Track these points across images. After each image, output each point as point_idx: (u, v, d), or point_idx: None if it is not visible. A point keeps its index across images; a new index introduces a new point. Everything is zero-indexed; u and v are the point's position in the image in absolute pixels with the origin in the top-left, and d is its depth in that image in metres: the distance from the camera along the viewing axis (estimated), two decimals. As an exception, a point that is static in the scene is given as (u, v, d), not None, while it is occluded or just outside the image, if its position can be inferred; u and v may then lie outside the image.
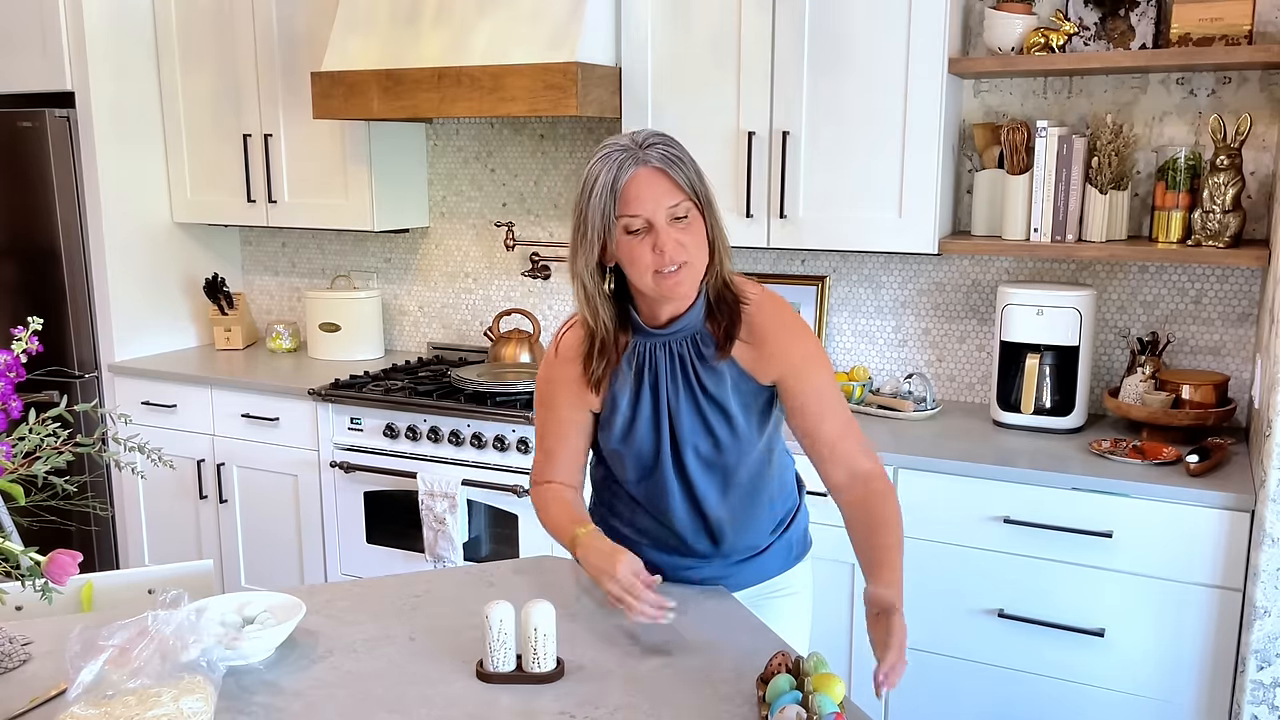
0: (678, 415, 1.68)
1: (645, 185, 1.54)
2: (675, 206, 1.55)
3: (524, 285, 3.66)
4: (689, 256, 1.57)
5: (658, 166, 1.54)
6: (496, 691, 1.44)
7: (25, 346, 1.45)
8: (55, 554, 1.32)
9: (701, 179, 1.59)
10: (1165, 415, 2.57)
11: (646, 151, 1.54)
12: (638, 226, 1.55)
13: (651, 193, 1.54)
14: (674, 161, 1.56)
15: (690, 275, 1.58)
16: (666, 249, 1.54)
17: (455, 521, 3.06)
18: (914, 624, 2.58)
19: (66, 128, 3.58)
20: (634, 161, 1.54)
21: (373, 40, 3.16)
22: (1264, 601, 2.17)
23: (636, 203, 1.54)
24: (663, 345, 1.67)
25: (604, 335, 1.66)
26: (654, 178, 1.54)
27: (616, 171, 1.54)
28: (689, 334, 1.67)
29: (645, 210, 1.54)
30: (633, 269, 1.58)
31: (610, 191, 1.53)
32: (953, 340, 3.08)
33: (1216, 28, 2.47)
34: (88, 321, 3.69)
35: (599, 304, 1.63)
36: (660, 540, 1.79)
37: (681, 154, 1.58)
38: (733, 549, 1.79)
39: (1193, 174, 2.60)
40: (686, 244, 1.56)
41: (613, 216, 1.54)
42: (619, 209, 1.54)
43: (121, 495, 3.75)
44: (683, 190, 1.56)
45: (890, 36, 2.68)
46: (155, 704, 1.26)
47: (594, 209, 1.55)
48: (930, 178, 2.70)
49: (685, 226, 1.56)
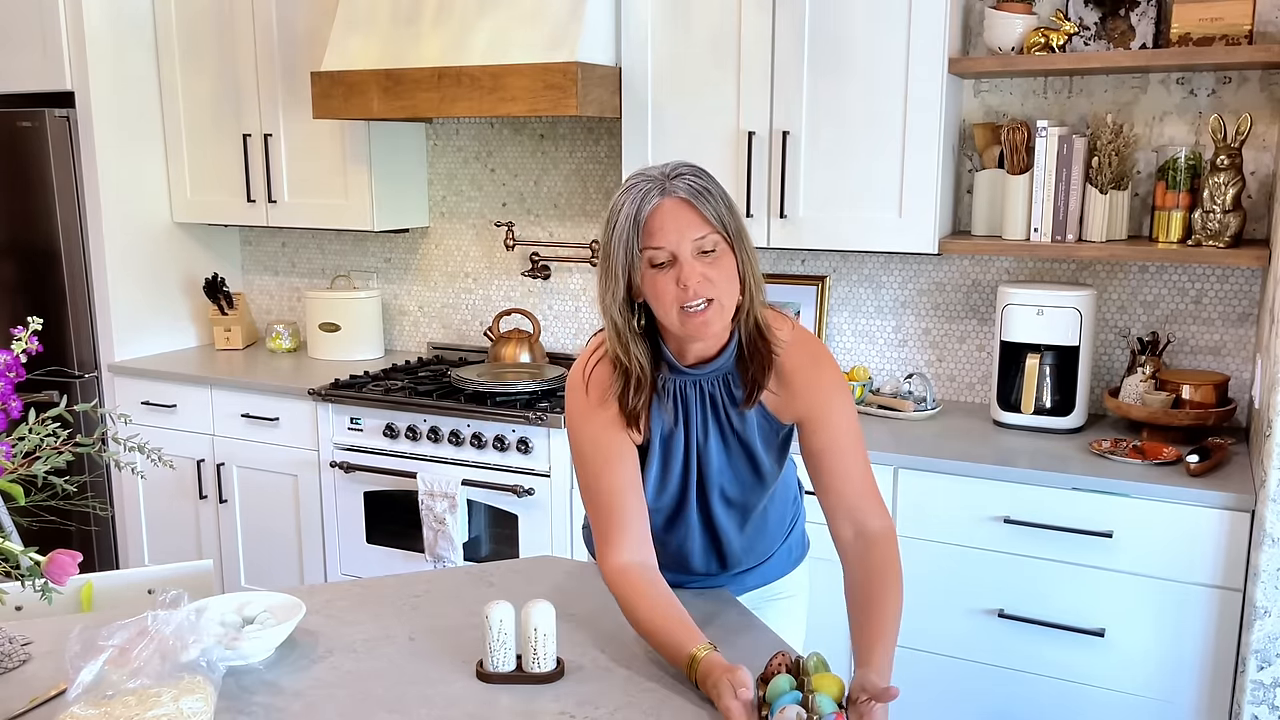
0: (706, 455, 1.63)
1: (669, 217, 1.47)
2: (701, 239, 1.47)
3: (524, 285, 3.66)
4: (716, 293, 1.48)
5: (683, 197, 1.47)
6: (496, 691, 1.44)
7: (25, 346, 1.45)
8: (55, 554, 1.32)
9: (732, 211, 1.51)
10: (1165, 415, 2.57)
11: (673, 182, 1.48)
12: (662, 259, 1.47)
13: (676, 224, 1.47)
14: (701, 193, 1.48)
15: (718, 314, 1.50)
16: (690, 283, 1.46)
17: (455, 521, 3.06)
18: (914, 624, 2.59)
19: (66, 128, 3.58)
20: (659, 192, 1.48)
21: (373, 40, 3.16)
22: (1264, 601, 2.17)
23: (660, 234, 1.47)
24: (693, 383, 1.61)
25: (638, 374, 1.57)
26: (679, 209, 1.47)
27: (640, 202, 1.47)
28: (721, 374, 1.61)
29: (669, 243, 1.47)
30: (658, 305, 1.50)
31: (634, 223, 1.47)
32: (953, 340, 3.08)
33: (1216, 27, 2.47)
34: (88, 321, 3.69)
35: (630, 340, 1.55)
36: (667, 564, 1.73)
37: (711, 185, 1.50)
38: (739, 566, 1.80)
39: (1193, 174, 2.60)
40: (714, 279, 1.48)
41: (636, 249, 1.47)
42: (642, 241, 1.47)
43: (121, 495, 3.75)
44: (710, 223, 1.48)
45: (890, 36, 2.68)
46: (155, 704, 1.26)
47: (617, 241, 1.48)
48: (930, 178, 2.70)
49: (712, 261, 1.48)
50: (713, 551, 1.75)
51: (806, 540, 1.93)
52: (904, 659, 2.61)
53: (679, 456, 1.63)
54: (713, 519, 1.69)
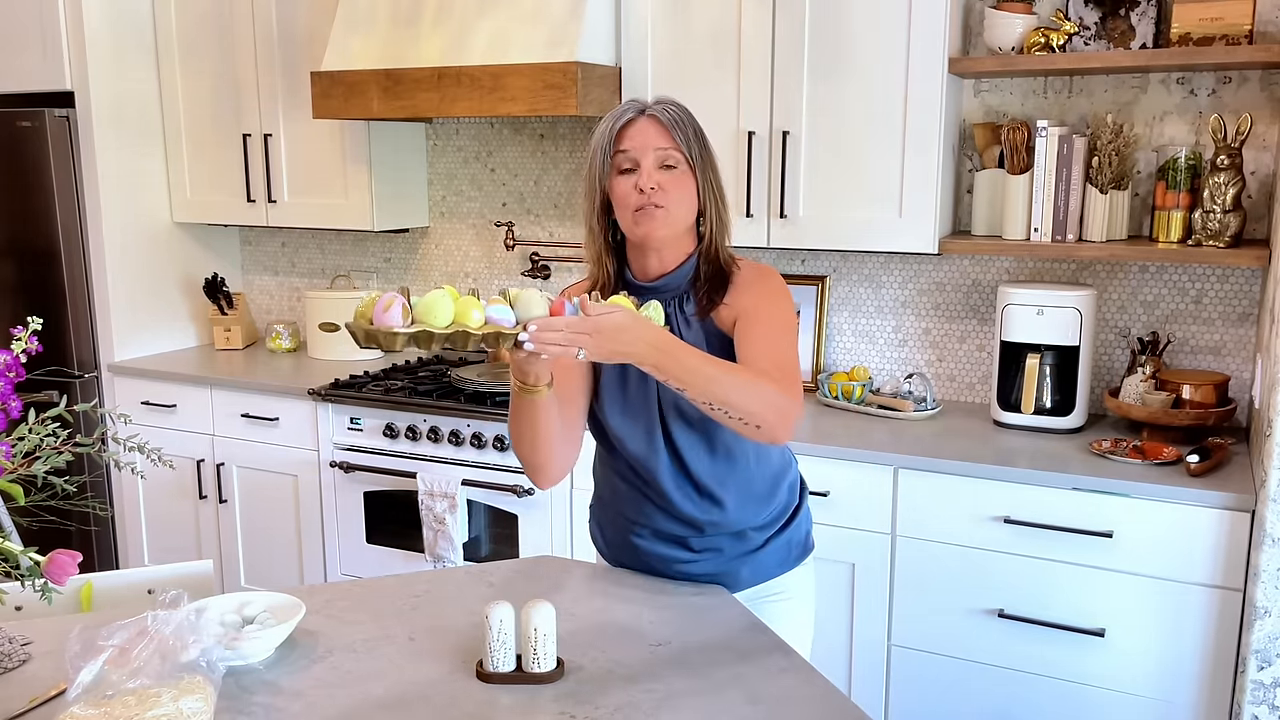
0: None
1: (639, 129, 1.66)
2: (663, 152, 1.65)
3: (524, 285, 3.66)
4: (667, 201, 1.64)
5: (656, 116, 1.67)
6: (496, 691, 1.44)
7: (25, 346, 1.45)
8: (55, 554, 1.32)
9: (701, 142, 1.68)
10: (1165, 415, 2.57)
11: (654, 107, 1.68)
12: (626, 165, 1.65)
13: (643, 136, 1.65)
14: (675, 119, 1.67)
15: (667, 220, 1.66)
16: (643, 183, 1.63)
17: (455, 521, 3.06)
18: (914, 624, 2.59)
19: (66, 128, 3.58)
20: (637, 112, 1.67)
21: (373, 40, 3.16)
22: (1264, 601, 2.17)
23: (628, 141, 1.65)
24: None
25: (604, 283, 1.74)
26: (650, 124, 1.66)
27: (620, 117, 1.67)
28: (675, 293, 1.73)
29: (634, 148, 1.65)
30: (619, 208, 1.68)
31: (609, 133, 1.66)
32: (953, 340, 3.08)
33: (1217, 27, 2.47)
34: (88, 321, 3.69)
35: (601, 250, 1.73)
36: (661, 530, 1.78)
37: (686, 117, 1.68)
38: (734, 520, 1.76)
39: (1193, 174, 2.60)
40: (668, 189, 1.65)
41: (609, 156, 1.66)
42: (614, 148, 1.66)
43: (121, 495, 3.75)
44: (675, 141, 1.66)
45: (890, 36, 2.68)
46: (155, 704, 1.26)
47: (596, 148, 1.67)
48: (930, 177, 2.70)
49: (672, 176, 1.65)
50: (685, 479, 1.74)
51: (810, 542, 1.92)
52: (905, 659, 2.61)
53: (634, 371, 1.71)
54: (673, 439, 1.73)
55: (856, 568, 2.64)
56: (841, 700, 1.41)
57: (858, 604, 2.65)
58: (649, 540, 1.80)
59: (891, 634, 2.63)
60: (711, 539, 1.79)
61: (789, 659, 1.53)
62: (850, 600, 2.65)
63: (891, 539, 2.59)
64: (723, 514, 1.76)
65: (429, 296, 1.44)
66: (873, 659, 2.66)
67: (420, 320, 1.42)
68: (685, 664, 1.51)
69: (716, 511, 1.76)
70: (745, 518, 1.78)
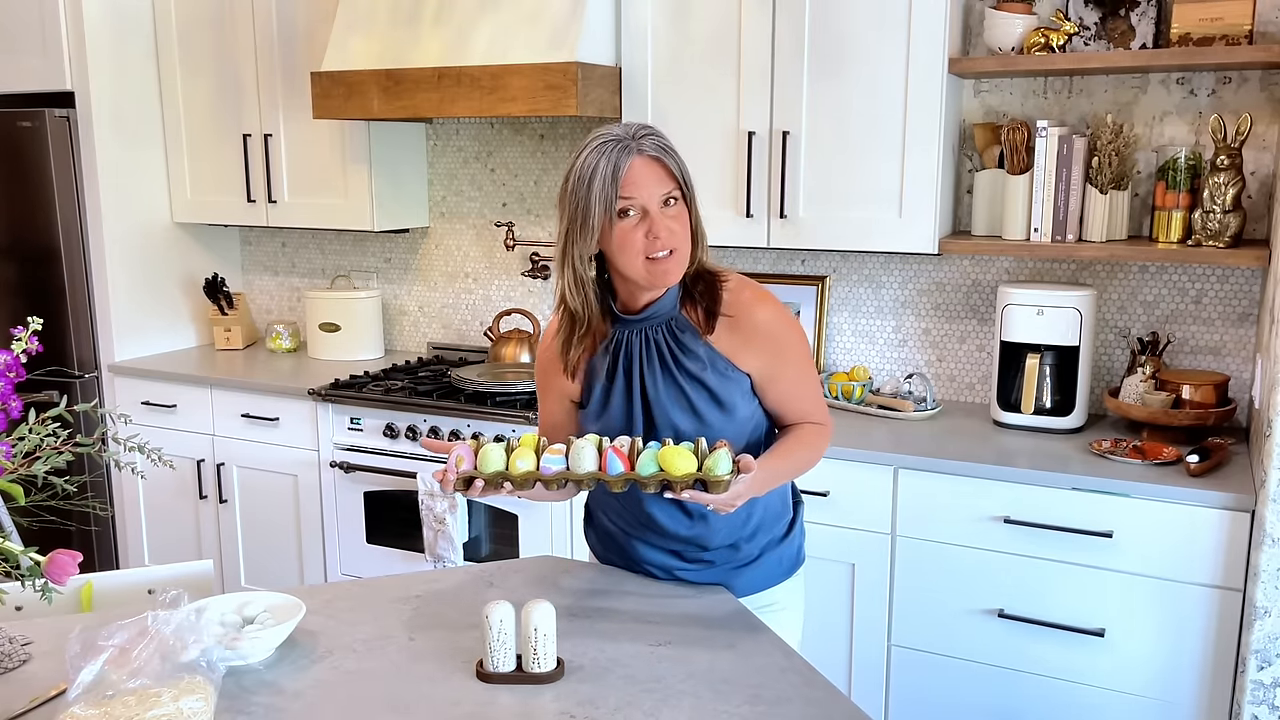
0: (655, 398, 1.71)
1: (641, 173, 1.61)
2: (667, 194, 1.63)
3: (524, 285, 3.66)
4: (677, 242, 1.64)
5: (652, 155, 1.62)
6: (496, 691, 1.44)
7: (25, 346, 1.45)
8: (55, 554, 1.32)
9: (681, 162, 1.67)
10: (1165, 415, 2.57)
11: (640, 142, 1.62)
12: (634, 212, 1.61)
13: (647, 180, 1.62)
14: (666, 151, 1.64)
15: (679, 263, 1.65)
16: (661, 234, 1.61)
17: (455, 521, 3.06)
18: (914, 624, 2.59)
19: (66, 128, 3.58)
20: (631, 151, 1.61)
21: (373, 40, 3.16)
22: (1264, 601, 2.17)
23: (633, 188, 1.61)
24: (638, 332, 1.72)
25: (591, 321, 1.72)
26: (649, 165, 1.62)
27: (617, 160, 1.60)
28: (663, 320, 1.72)
29: (641, 196, 1.61)
30: (624, 255, 1.63)
31: (612, 180, 1.60)
32: (953, 340, 3.08)
33: (1217, 27, 2.47)
34: (88, 321, 3.69)
35: (588, 291, 1.69)
36: (654, 543, 1.80)
37: (669, 145, 1.66)
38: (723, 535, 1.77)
39: (1193, 174, 2.60)
40: (676, 231, 1.64)
41: (613, 202, 1.60)
42: (618, 197, 1.60)
43: (121, 495, 3.75)
44: (674, 178, 1.64)
45: (890, 36, 2.68)
46: (155, 704, 1.26)
47: (595, 197, 1.60)
48: (930, 178, 2.70)
49: (675, 215, 1.64)
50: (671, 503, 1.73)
51: (802, 555, 1.92)
52: (905, 659, 2.61)
53: (620, 396, 1.72)
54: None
55: (856, 568, 2.64)
56: (841, 700, 1.41)
57: (858, 604, 2.65)
58: (644, 549, 1.81)
59: (891, 634, 2.63)
60: (702, 553, 1.80)
61: (789, 659, 1.53)
62: (850, 600, 2.65)
63: (891, 539, 2.59)
64: (710, 531, 1.77)
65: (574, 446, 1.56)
66: (873, 659, 2.66)
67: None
68: (685, 664, 1.51)
69: (703, 526, 1.77)
70: (734, 530, 1.79)
